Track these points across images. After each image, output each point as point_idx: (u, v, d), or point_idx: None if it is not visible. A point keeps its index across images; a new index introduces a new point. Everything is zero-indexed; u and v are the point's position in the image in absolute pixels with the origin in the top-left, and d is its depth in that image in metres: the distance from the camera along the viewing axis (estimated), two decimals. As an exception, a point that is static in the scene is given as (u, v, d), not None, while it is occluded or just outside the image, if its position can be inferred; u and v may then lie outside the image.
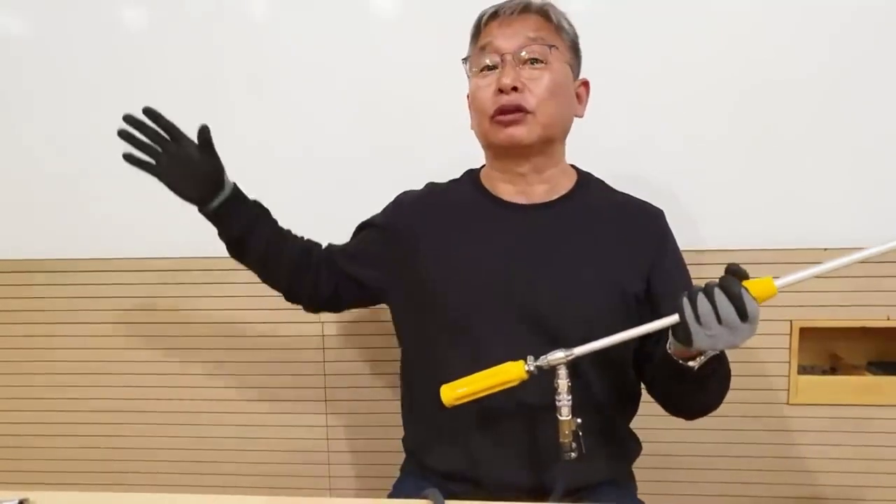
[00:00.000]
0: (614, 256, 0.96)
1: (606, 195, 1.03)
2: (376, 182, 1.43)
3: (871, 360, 1.44)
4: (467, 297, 0.95)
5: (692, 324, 0.74)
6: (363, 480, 1.56)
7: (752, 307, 0.73)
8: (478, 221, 0.98)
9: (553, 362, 0.79)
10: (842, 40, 1.32)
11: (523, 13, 0.94)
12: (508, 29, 0.93)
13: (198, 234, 1.51)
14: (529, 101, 0.91)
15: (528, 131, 0.92)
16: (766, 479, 1.45)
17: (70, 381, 1.59)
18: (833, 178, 1.36)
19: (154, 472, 1.61)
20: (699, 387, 0.87)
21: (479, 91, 0.94)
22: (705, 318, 0.74)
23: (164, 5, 1.45)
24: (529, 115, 0.92)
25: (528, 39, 0.92)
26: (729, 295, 0.73)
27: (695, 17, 1.34)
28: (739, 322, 0.73)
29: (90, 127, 1.49)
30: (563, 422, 0.80)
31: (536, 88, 0.92)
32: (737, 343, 0.75)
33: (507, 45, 0.92)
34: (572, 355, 0.79)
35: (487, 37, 0.94)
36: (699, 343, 0.76)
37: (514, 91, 0.91)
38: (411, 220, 1.02)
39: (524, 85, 0.91)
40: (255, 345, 1.53)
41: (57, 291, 1.56)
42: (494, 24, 0.94)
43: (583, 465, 0.90)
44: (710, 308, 0.73)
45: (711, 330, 0.74)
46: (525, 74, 0.92)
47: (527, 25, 0.93)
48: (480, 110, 0.95)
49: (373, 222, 1.09)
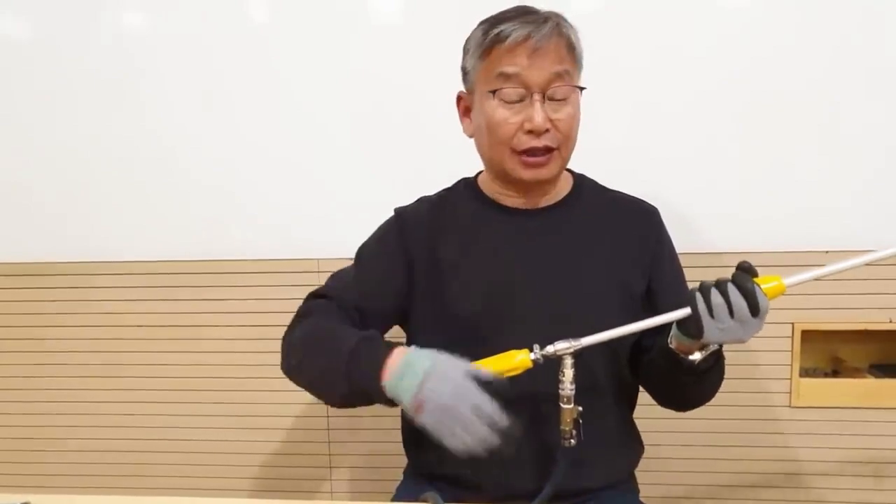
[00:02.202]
0: (619, 257, 0.97)
1: (601, 195, 1.04)
2: (377, 183, 1.45)
3: (873, 363, 1.44)
4: (478, 305, 0.95)
5: (705, 317, 0.77)
6: (365, 483, 1.56)
7: (764, 302, 0.76)
8: (484, 230, 0.98)
9: (560, 351, 0.80)
10: (845, 42, 1.32)
11: (553, 38, 0.88)
12: (539, 60, 0.88)
13: (197, 237, 1.53)
14: (557, 139, 0.91)
15: (551, 169, 0.93)
16: (768, 482, 1.45)
17: (72, 384, 1.59)
18: (835, 181, 1.36)
19: (155, 476, 1.61)
20: (697, 380, 0.89)
21: (503, 122, 0.90)
22: (718, 312, 0.77)
23: (166, 9, 1.45)
24: (555, 152, 0.92)
25: (554, 76, 0.89)
26: (742, 290, 0.76)
27: (695, 17, 1.34)
28: (751, 317, 0.76)
29: (90, 129, 1.50)
30: (566, 410, 0.81)
31: (563, 126, 0.90)
32: (745, 338, 0.78)
33: (537, 80, 0.88)
34: (579, 345, 0.80)
35: (513, 65, 0.88)
36: (710, 336, 0.78)
37: (544, 132, 0.90)
38: (416, 238, 0.99)
39: (551, 123, 0.90)
40: (256, 348, 1.53)
41: (57, 294, 1.56)
42: (523, 50, 0.87)
43: (584, 468, 0.90)
44: (724, 302, 0.76)
45: (723, 324, 0.77)
46: (550, 109, 0.90)
47: (556, 55, 0.89)
48: (500, 142, 0.91)
49: (376, 250, 1.03)
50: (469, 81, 0.96)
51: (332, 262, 1.46)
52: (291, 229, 1.48)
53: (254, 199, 1.49)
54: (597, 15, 1.35)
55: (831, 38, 1.32)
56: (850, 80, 1.33)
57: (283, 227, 1.49)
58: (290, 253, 1.49)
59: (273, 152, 1.47)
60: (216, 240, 1.51)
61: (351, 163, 1.46)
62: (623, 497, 1.00)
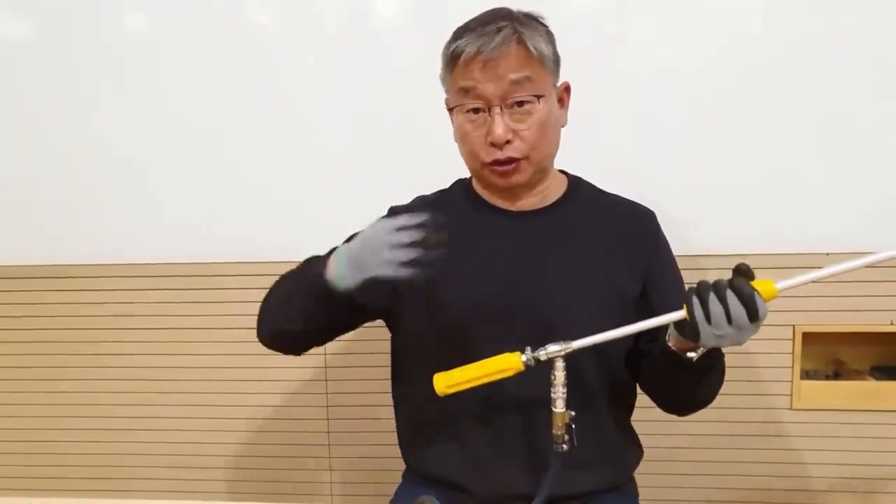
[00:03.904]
0: (611, 260, 0.96)
1: (598, 198, 1.03)
2: (376, 185, 1.44)
3: (874, 365, 1.44)
4: (469, 308, 0.95)
5: (702, 324, 0.75)
6: (365, 486, 1.56)
7: (763, 309, 0.74)
8: (476, 231, 0.98)
9: (550, 354, 0.79)
10: (844, 45, 1.32)
11: (503, 47, 0.87)
12: (491, 72, 0.87)
13: (198, 238, 1.53)
14: (522, 149, 0.90)
15: (523, 175, 0.93)
16: (769, 484, 1.45)
17: (73, 387, 1.59)
18: (835, 183, 1.36)
19: (155, 479, 1.61)
20: (697, 380, 0.88)
21: (468, 135, 0.92)
22: (716, 319, 0.75)
23: (167, 10, 1.45)
24: (523, 161, 0.92)
25: (512, 84, 0.88)
26: (741, 296, 0.74)
27: (695, 19, 1.34)
28: (749, 323, 0.74)
29: (91, 131, 1.50)
30: (558, 414, 0.80)
31: (528, 135, 0.90)
32: (742, 342, 0.77)
33: (492, 91, 0.88)
34: (570, 348, 0.79)
35: (469, 80, 0.89)
36: (706, 341, 0.77)
37: (506, 144, 0.90)
38: None
39: (515, 134, 0.90)
40: (257, 350, 1.52)
41: (58, 297, 1.57)
42: (475, 64, 0.88)
43: (581, 471, 0.90)
44: (722, 310, 0.74)
45: (721, 330, 0.75)
46: (514, 120, 0.89)
47: (508, 63, 0.88)
48: (471, 154, 0.93)
49: None
50: (445, 91, 0.97)
51: (332, 263, 1.47)
52: (292, 231, 1.49)
53: (254, 201, 1.50)
54: (597, 20, 1.34)
55: (831, 41, 1.32)
56: (849, 82, 1.33)
57: (283, 229, 1.49)
58: (291, 255, 1.49)
59: (272, 155, 1.48)
60: (216, 242, 1.52)
61: (351, 165, 1.46)
62: (622, 500, 1.00)
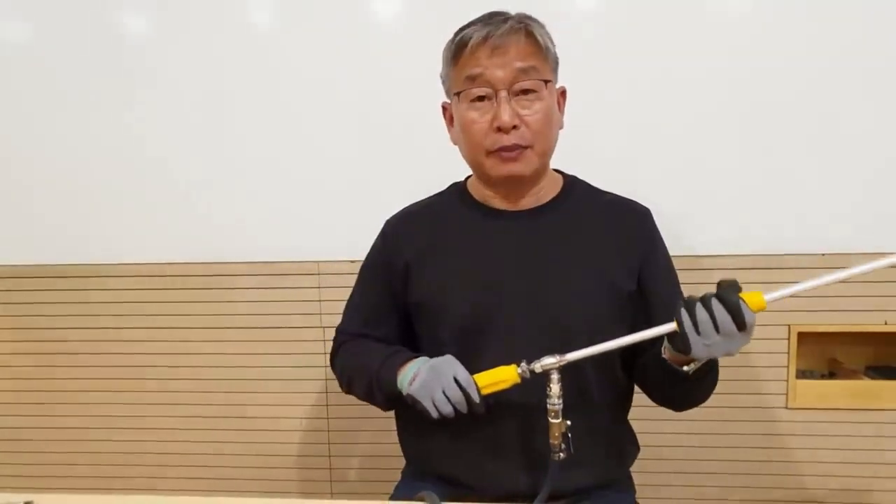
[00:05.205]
0: (607, 258, 0.97)
1: (593, 196, 1.04)
2: (376, 186, 1.46)
3: (869, 365, 1.45)
4: (469, 309, 0.96)
5: (691, 334, 0.77)
6: (365, 484, 1.57)
7: (749, 317, 0.76)
8: (472, 233, 1.00)
9: (545, 367, 0.82)
10: (842, 46, 1.33)
11: (512, 35, 0.89)
12: (499, 58, 0.89)
13: (198, 239, 1.54)
14: (527, 136, 0.92)
15: (526, 165, 0.94)
16: (765, 482, 1.46)
17: (74, 385, 1.60)
18: (833, 184, 1.36)
19: (156, 477, 1.62)
20: (691, 387, 0.90)
21: (472, 124, 0.93)
22: (704, 328, 0.77)
23: (168, 14, 1.46)
24: (528, 150, 0.93)
25: (519, 71, 0.89)
26: (727, 305, 0.76)
27: (694, 19, 1.35)
28: (737, 332, 0.76)
29: (91, 132, 1.51)
30: (554, 424, 0.83)
31: (533, 122, 0.91)
32: (733, 351, 0.79)
33: (500, 77, 0.90)
34: (564, 361, 0.82)
35: (476, 66, 0.90)
36: (697, 352, 0.78)
37: (512, 129, 0.91)
38: (405, 249, 1.02)
39: (521, 119, 0.91)
40: (257, 349, 1.54)
41: (59, 297, 1.58)
42: (483, 51, 0.90)
43: (578, 468, 0.91)
44: (709, 318, 0.76)
45: (709, 339, 0.77)
46: (519, 106, 0.91)
47: (517, 51, 0.90)
48: (475, 143, 0.94)
49: (366, 273, 1.08)
50: (447, 90, 0.98)
51: (332, 264, 1.48)
52: (292, 232, 1.49)
53: (254, 201, 1.50)
54: (595, 22, 1.35)
55: (829, 42, 1.33)
56: (846, 85, 1.33)
57: (283, 229, 1.50)
58: (291, 255, 1.50)
59: (272, 157, 1.48)
60: (217, 242, 1.52)
61: (351, 166, 1.47)
62: (618, 497, 1.01)
